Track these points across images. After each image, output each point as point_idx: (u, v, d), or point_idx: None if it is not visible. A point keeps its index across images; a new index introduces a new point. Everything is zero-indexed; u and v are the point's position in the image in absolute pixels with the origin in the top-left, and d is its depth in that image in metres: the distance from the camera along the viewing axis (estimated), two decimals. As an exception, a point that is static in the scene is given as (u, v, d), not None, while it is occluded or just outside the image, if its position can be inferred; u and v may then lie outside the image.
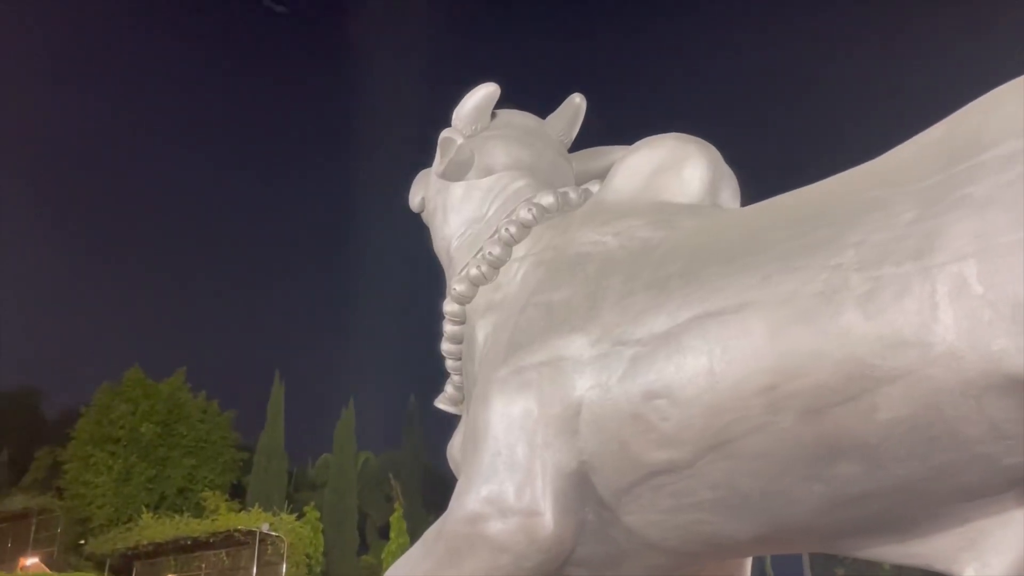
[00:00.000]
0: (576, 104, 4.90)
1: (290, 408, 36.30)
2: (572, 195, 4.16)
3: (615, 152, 4.54)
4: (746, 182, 3.96)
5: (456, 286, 4.16)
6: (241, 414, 35.31)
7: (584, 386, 3.11)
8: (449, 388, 4.54)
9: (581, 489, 3.14)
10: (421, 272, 4.84)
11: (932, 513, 2.57)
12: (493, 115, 4.67)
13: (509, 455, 3.21)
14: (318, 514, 29.83)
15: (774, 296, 2.62)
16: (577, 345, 3.20)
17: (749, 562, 3.87)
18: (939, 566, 2.64)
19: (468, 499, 3.25)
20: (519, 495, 3.13)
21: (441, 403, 4.60)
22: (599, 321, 3.19)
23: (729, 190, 3.86)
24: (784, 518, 2.77)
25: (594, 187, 4.24)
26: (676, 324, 2.89)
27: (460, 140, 4.43)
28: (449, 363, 4.46)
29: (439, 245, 4.69)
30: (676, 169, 3.76)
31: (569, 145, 4.93)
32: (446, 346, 4.41)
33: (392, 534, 30.49)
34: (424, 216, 4.96)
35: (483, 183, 4.46)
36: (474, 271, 4.09)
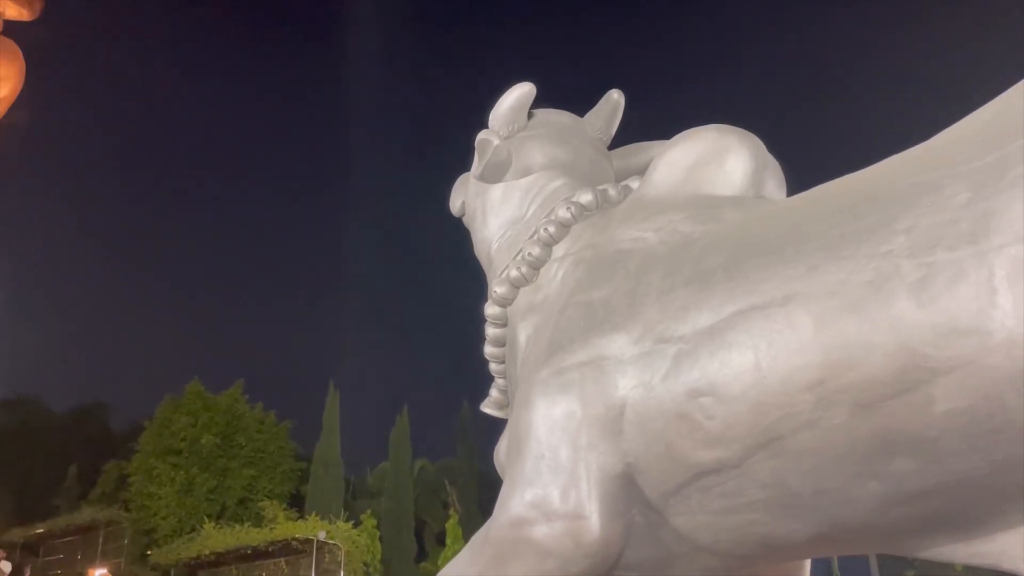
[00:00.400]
0: (614, 100, 4.82)
1: (345, 417, 36.75)
2: (611, 192, 4.10)
3: (655, 147, 4.47)
4: (790, 173, 3.85)
5: (496, 288, 4.13)
6: (298, 424, 35.77)
7: (627, 386, 3.04)
8: (494, 392, 4.51)
9: (627, 491, 3.07)
10: (471, 277, 4.83)
11: (997, 510, 2.45)
12: (530, 115, 4.63)
13: (553, 458, 3.15)
14: (375, 522, 30.10)
15: (821, 287, 2.52)
16: (618, 344, 3.14)
17: (807, 565, 3.76)
18: (1006, 565, 2.52)
19: (512, 503, 3.21)
20: (564, 498, 3.07)
21: (487, 407, 4.58)
22: (640, 319, 3.12)
23: (774, 180, 3.75)
24: (840, 517, 2.66)
25: (634, 183, 4.18)
26: (720, 319, 2.80)
27: (496, 141, 4.41)
28: (493, 366, 4.43)
29: (479, 248, 4.68)
30: (718, 161, 3.67)
31: (609, 142, 4.87)
32: (489, 349, 4.37)
33: (448, 540, 30.60)
34: (465, 220, 4.96)
35: (521, 184, 4.43)
36: (514, 273, 4.05)
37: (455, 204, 5.03)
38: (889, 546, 2.86)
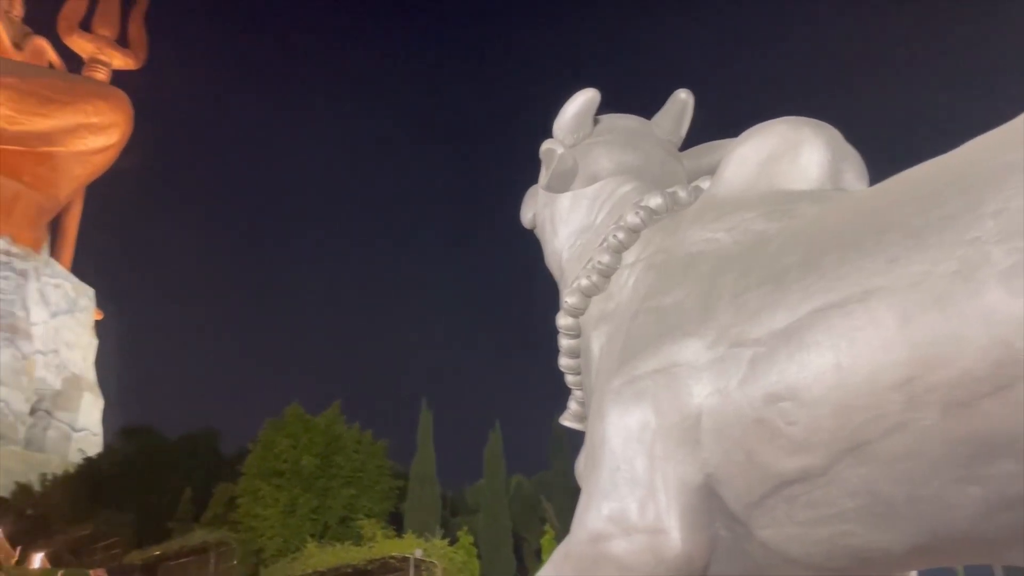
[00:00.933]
0: (682, 100, 4.72)
1: (439, 434, 37.19)
2: (681, 194, 4.00)
3: (726, 146, 4.34)
4: (871, 163, 3.66)
5: (568, 298, 4.08)
6: (393, 443, 36.25)
7: (702, 393, 2.94)
8: (572, 404, 4.45)
9: (710, 503, 2.96)
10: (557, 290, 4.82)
11: None
12: (596, 121, 4.57)
13: (628, 470, 3.08)
14: (472, 538, 30.20)
15: (903, 279, 2.38)
16: (692, 350, 3.05)
17: None
18: None
19: (590, 517, 3.14)
20: (642, 512, 2.99)
21: (566, 420, 4.51)
22: (714, 323, 3.02)
23: (853, 171, 3.57)
24: (939, 526, 2.47)
25: (705, 184, 4.06)
26: (796, 319, 2.67)
27: (560, 150, 4.37)
28: (569, 378, 4.37)
29: (550, 259, 4.64)
30: (791, 155, 3.53)
31: (679, 143, 4.78)
32: (564, 361, 4.32)
33: (544, 556, 30.43)
34: (536, 232, 4.93)
35: (589, 191, 4.38)
36: (584, 282, 3.99)
37: (526, 216, 5.02)
38: (996, 555, 2.66)
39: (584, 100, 4.39)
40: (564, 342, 4.24)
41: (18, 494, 45.01)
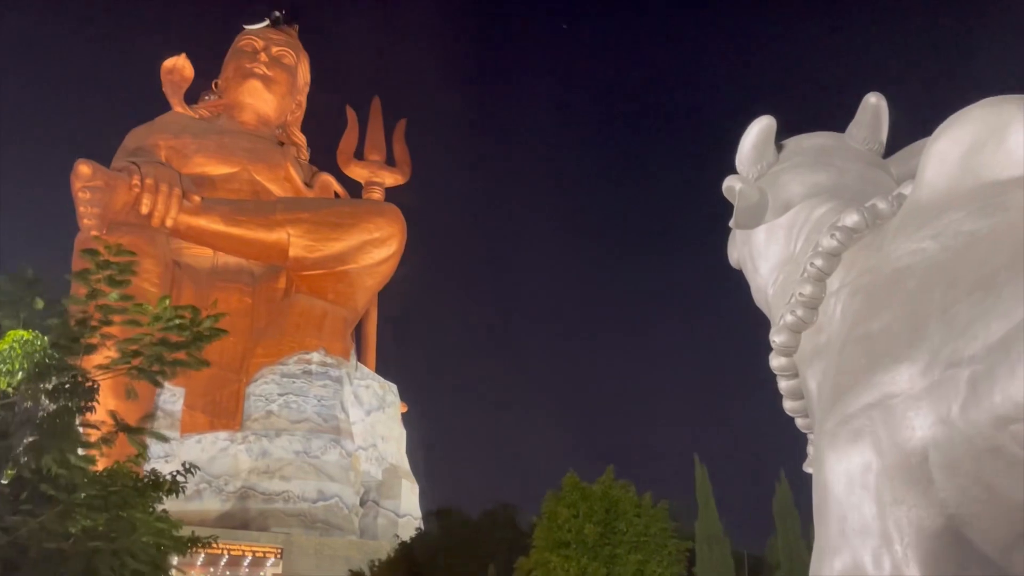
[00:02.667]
0: (872, 104, 4.30)
1: (719, 490, 35.47)
2: (881, 206, 3.61)
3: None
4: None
5: (775, 338, 3.83)
6: (672, 503, 35.22)
7: (924, 425, 2.60)
8: (810, 449, 4.11)
9: (958, 549, 2.57)
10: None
11: None
12: (781, 147, 4.35)
13: (858, 519, 2.77)
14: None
15: None
16: (905, 377, 2.71)
17: None
18: None
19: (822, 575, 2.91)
20: (877, 564, 2.67)
21: (808, 467, 4.18)
22: (925, 344, 2.67)
23: None
24: None
25: (907, 189, 3.64)
26: (1013, 326, 2.30)
27: (739, 185, 4.13)
28: (799, 422, 4.11)
29: (757, 297, 4.43)
30: (995, 140, 3.05)
31: (882, 150, 4.39)
32: (788, 404, 4.07)
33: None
34: (744, 272, 4.72)
35: (783, 221, 4.13)
36: (790, 318, 3.71)
37: (732, 257, 4.83)
38: None
39: (759, 129, 4.20)
40: (783, 384, 4.00)
41: (351, 580, 50.03)
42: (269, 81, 70.90)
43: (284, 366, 62.92)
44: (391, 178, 74.67)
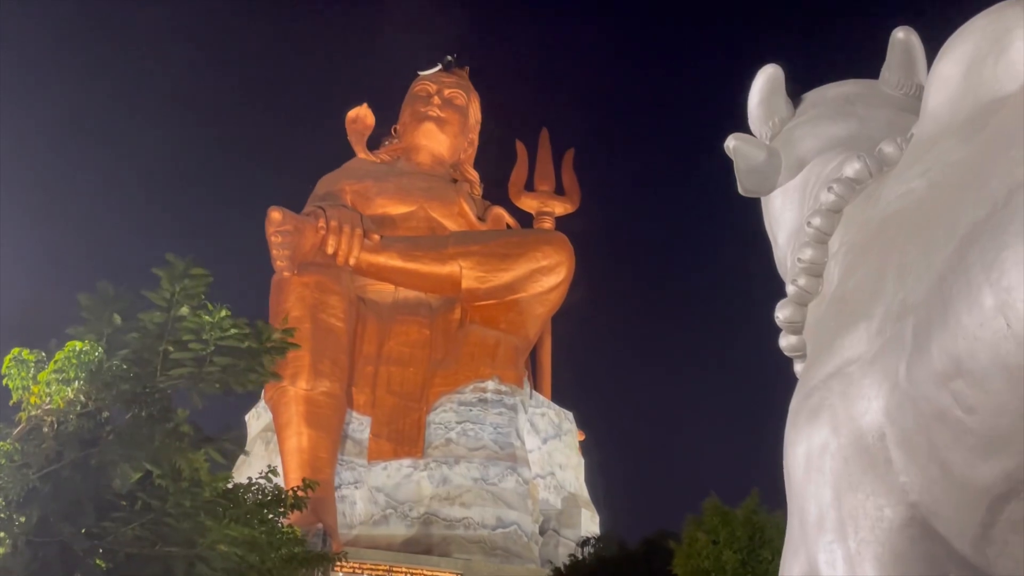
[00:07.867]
0: (900, 40, 3.76)
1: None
2: (888, 150, 3.15)
3: None
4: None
5: (778, 314, 3.41)
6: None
7: (879, 394, 2.16)
8: None
9: (928, 545, 2.09)
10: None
11: None
12: (800, 100, 3.94)
13: (814, 510, 2.35)
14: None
15: None
16: (864, 339, 2.32)
17: None
18: None
19: None
20: (830, 563, 2.25)
21: None
22: (881, 298, 2.30)
23: None
24: None
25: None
26: (947, 266, 1.92)
27: (734, 143, 3.69)
28: None
29: (781, 271, 3.91)
30: (996, 51, 2.52)
31: (918, 92, 3.82)
32: None
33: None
34: None
35: (796, 182, 3.65)
36: (792, 288, 3.30)
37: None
38: None
39: (764, 80, 3.79)
40: (797, 367, 3.48)
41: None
42: (442, 123, 74.35)
43: (461, 395, 64.74)
44: (561, 207, 75.28)
